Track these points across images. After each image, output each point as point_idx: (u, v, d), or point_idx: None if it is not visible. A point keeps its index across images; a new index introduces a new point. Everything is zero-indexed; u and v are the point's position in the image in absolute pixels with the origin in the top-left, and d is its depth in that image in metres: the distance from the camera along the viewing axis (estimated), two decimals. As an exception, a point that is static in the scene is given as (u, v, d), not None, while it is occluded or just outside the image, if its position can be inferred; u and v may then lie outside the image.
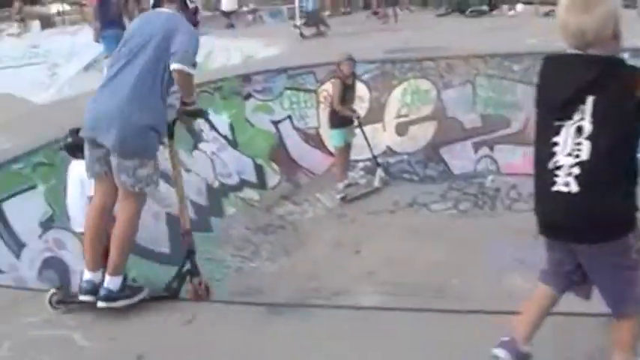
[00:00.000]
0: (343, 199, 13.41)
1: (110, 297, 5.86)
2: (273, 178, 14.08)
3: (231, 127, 14.24)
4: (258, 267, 11.25)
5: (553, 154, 4.02)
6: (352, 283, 10.24)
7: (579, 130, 3.92)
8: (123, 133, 5.69)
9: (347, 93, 13.24)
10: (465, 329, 5.46)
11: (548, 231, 4.29)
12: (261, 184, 13.85)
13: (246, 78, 15.06)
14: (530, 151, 12.62)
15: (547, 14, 23.31)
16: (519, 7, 25.15)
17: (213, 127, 13.98)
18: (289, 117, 14.92)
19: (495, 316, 5.60)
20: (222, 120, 14.21)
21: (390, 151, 14.52)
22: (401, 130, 14.65)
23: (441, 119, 14.47)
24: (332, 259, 11.32)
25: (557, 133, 4.00)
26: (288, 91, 15.07)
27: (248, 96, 14.77)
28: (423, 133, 14.51)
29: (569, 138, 3.96)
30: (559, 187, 4.00)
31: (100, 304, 5.88)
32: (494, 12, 25.14)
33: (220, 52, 23.30)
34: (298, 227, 12.68)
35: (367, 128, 14.25)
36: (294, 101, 15.00)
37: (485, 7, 25.19)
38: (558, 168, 3.99)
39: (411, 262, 10.90)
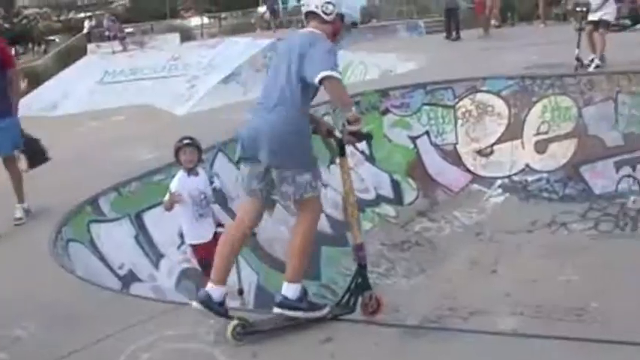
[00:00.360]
0: None
1: (285, 304, 5.92)
2: (410, 194, 14.09)
3: (369, 142, 14.29)
4: (393, 284, 11.27)
5: None
6: (489, 303, 10.15)
7: None
8: (272, 146, 5.81)
9: None
10: (606, 358, 5.34)
11: None
12: (397, 199, 13.88)
13: (384, 93, 15.12)
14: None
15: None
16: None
17: (350, 141, 14.07)
18: (427, 133, 14.88)
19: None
20: (360, 135, 14.28)
21: (528, 169, 14.31)
22: (540, 147, 14.40)
23: (582, 137, 14.17)
24: (468, 277, 11.25)
25: None
26: (427, 107, 15.02)
27: (386, 111, 14.83)
28: (562, 151, 14.23)
29: None
30: None
31: (276, 309, 5.96)
32: (638, 26, 24.44)
33: (357, 67, 23.48)
34: (435, 244, 12.66)
35: (506, 145, 14.11)
36: (432, 117, 14.96)
37: (628, 22, 24.54)
38: None
39: (549, 282, 10.73)
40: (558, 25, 19.46)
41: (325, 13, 6.06)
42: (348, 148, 12.14)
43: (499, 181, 14.29)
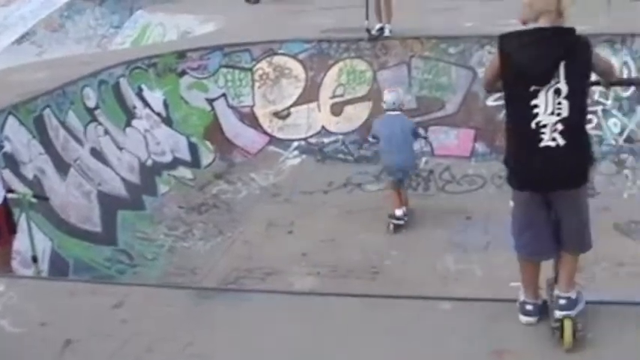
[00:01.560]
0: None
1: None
2: (207, 156, 14.00)
3: (166, 105, 14.13)
4: (191, 246, 11.21)
5: (535, 115, 4.57)
6: (285, 263, 10.28)
7: (557, 91, 4.56)
8: None
9: None
10: (399, 313, 5.48)
11: (534, 184, 4.80)
12: (195, 162, 13.77)
13: (181, 55, 14.89)
14: (462, 132, 12.87)
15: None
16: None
17: (146, 104, 13.86)
18: (224, 95, 14.75)
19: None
20: (156, 97, 14.10)
21: (324, 131, 14.48)
22: (336, 110, 14.61)
23: (376, 100, 14.44)
24: (265, 238, 11.34)
25: (535, 97, 4.57)
26: (224, 69, 14.89)
27: (183, 73, 14.62)
28: (357, 114, 14.50)
29: (549, 100, 4.57)
30: (547, 142, 4.60)
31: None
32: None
33: (156, 28, 23.04)
34: (232, 206, 12.64)
35: (302, 108, 14.25)
36: (230, 79, 14.84)
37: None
38: (543, 126, 4.58)
39: (344, 242, 10.96)
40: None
41: None
42: (145, 111, 11.91)
43: (296, 143, 14.40)
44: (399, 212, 11.49)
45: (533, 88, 4.58)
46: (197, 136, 14.08)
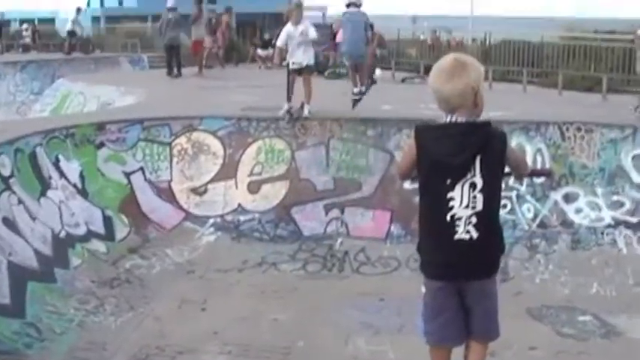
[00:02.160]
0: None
1: None
2: (122, 230, 13.81)
3: (82, 176, 13.96)
4: (101, 321, 10.98)
5: (450, 207, 4.65)
6: (197, 341, 10.14)
7: (472, 185, 4.66)
8: None
9: None
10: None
11: (447, 275, 4.84)
12: (109, 235, 13.57)
13: (101, 126, 14.80)
14: (378, 214, 13.09)
15: (404, 81, 24.00)
16: (378, 71, 25.67)
17: (63, 174, 13.70)
18: (142, 169, 14.66)
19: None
20: (72, 168, 13.93)
21: (241, 209, 14.47)
22: (253, 188, 14.65)
23: (294, 179, 14.59)
24: (178, 315, 11.18)
25: (451, 189, 4.65)
26: (142, 143, 14.82)
27: (101, 145, 14.50)
28: (275, 193, 14.57)
29: (464, 193, 4.66)
30: (461, 235, 4.67)
31: None
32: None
33: (76, 97, 22.95)
34: (145, 282, 12.47)
35: (220, 185, 14.28)
36: (148, 153, 14.77)
37: (343, 70, 25.60)
38: (458, 219, 4.65)
39: (258, 322, 10.90)
40: (277, 68, 20.05)
41: None
42: (61, 181, 11.76)
43: (212, 220, 14.34)
44: (355, 89, 15.37)
45: (449, 181, 4.67)
46: (112, 209, 13.93)
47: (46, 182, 13.16)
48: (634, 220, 13.59)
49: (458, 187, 4.65)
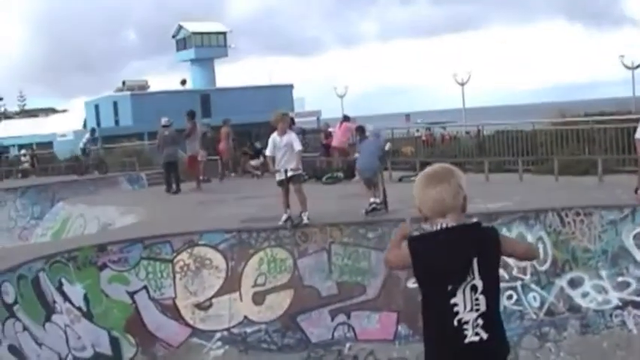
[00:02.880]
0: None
1: None
2: (129, 350, 13.77)
3: (86, 298, 13.98)
4: None
5: (456, 313, 4.65)
6: None
7: (474, 288, 4.66)
8: None
9: None
10: None
11: None
12: (116, 356, 13.54)
13: (102, 247, 14.86)
14: (384, 316, 13.04)
15: (401, 180, 24.12)
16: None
17: (66, 298, 13.71)
18: (145, 287, 14.65)
19: None
20: (76, 291, 13.95)
21: (247, 321, 14.42)
22: (258, 299, 14.63)
23: (298, 287, 14.60)
24: None
25: (453, 295, 4.65)
26: (145, 261, 14.84)
27: (103, 266, 14.53)
28: (279, 302, 14.56)
29: (466, 297, 4.66)
30: (471, 338, 4.66)
31: None
32: (354, 179, 25.69)
33: (76, 220, 23.06)
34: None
35: (224, 298, 14.27)
36: (151, 271, 14.77)
37: (340, 175, 25.78)
38: (465, 323, 4.65)
39: None
40: (273, 178, 20.29)
41: None
42: (65, 305, 11.76)
43: (218, 334, 14.28)
44: (371, 199, 16.02)
45: (450, 287, 4.66)
46: (118, 329, 13.89)
47: (51, 307, 13.16)
48: (641, 299, 13.59)
49: (460, 292, 4.66)
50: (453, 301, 4.66)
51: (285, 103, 64.37)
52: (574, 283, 13.90)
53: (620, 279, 13.81)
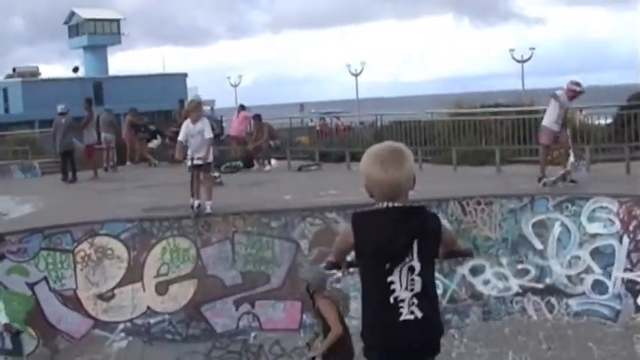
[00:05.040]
0: None
1: None
2: (30, 343, 13.54)
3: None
4: None
5: (392, 290, 4.70)
6: None
7: (411, 269, 4.70)
8: None
9: None
10: None
11: (394, 356, 4.83)
12: (17, 350, 13.29)
13: (0, 238, 14.54)
14: (289, 305, 13.12)
15: (300, 169, 24.23)
16: (273, 162, 25.92)
17: (-37, 291, 13.39)
18: (45, 278, 14.36)
19: None
20: (-27, 283, 13.64)
21: (150, 311, 14.30)
22: (161, 289, 14.50)
23: (202, 277, 14.54)
24: None
25: (390, 273, 4.69)
26: (44, 252, 14.53)
27: (1, 257, 14.20)
28: (183, 292, 14.47)
29: (402, 276, 4.69)
30: (406, 316, 4.71)
31: None
32: (253, 168, 25.70)
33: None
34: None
35: (127, 288, 14.13)
36: (51, 262, 14.47)
37: (239, 163, 25.71)
38: (401, 301, 4.70)
39: None
40: (172, 167, 20.22)
41: None
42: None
43: (122, 325, 14.14)
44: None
45: (388, 265, 4.69)
46: (18, 322, 13.62)
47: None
48: (540, 286, 14.00)
49: (396, 271, 4.69)
50: (389, 279, 4.70)
51: (179, 92, 63.58)
52: (476, 271, 14.20)
53: (519, 266, 14.19)
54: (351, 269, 5.19)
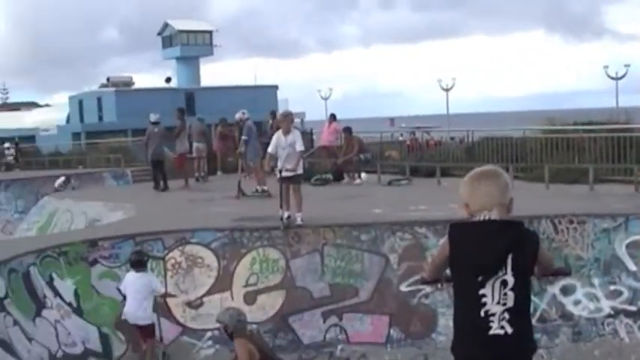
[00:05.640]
0: None
1: None
2: (119, 347, 13.70)
3: (76, 294, 13.88)
4: None
5: (483, 304, 4.69)
6: None
7: (504, 283, 4.68)
8: None
9: None
10: None
11: None
12: (106, 353, 13.47)
13: (93, 243, 14.77)
14: (376, 319, 13.01)
15: (390, 183, 24.08)
16: (363, 175, 25.81)
17: (57, 293, 13.60)
18: (136, 285, 14.55)
19: None
20: (67, 286, 13.86)
21: (238, 321, 14.33)
22: (249, 299, 14.55)
23: (290, 288, 14.53)
24: None
25: (482, 286, 4.68)
26: (136, 258, 14.73)
27: (94, 262, 14.44)
28: (271, 302, 14.49)
29: (495, 290, 4.68)
30: (495, 330, 4.68)
31: None
32: (343, 181, 25.63)
33: (63, 215, 22.88)
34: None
35: (216, 297, 14.19)
36: (142, 268, 14.68)
37: (329, 176, 25.68)
38: (492, 315, 4.68)
39: None
40: (267, 178, 20.36)
41: None
42: (55, 300, 11.62)
43: (209, 333, 14.19)
44: None
45: (480, 278, 4.69)
46: (108, 326, 13.79)
47: (41, 302, 13.07)
48: (633, 308, 13.63)
49: (489, 285, 4.69)
50: (481, 292, 4.70)
51: (270, 103, 64.08)
52: (566, 291, 13.90)
53: (612, 287, 13.84)
54: (439, 285, 5.19)
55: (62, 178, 31.95)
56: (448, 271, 5.01)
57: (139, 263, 13.09)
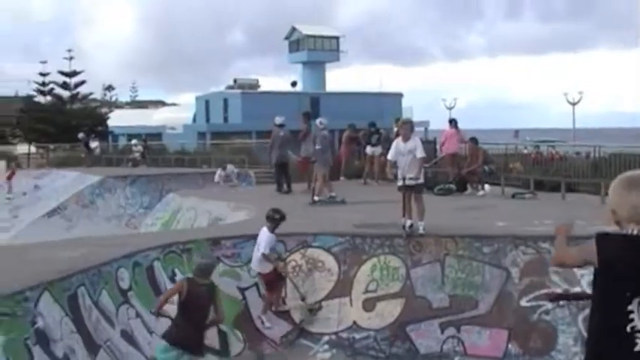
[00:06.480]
0: None
1: None
2: (236, 345, 13.84)
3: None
4: None
5: (630, 320, 4.50)
6: None
7: None
8: None
9: None
10: None
11: None
12: (223, 351, 13.61)
13: (216, 241, 14.99)
14: (494, 333, 12.73)
15: (514, 196, 23.69)
16: (487, 187, 25.45)
17: (179, 289, 13.79)
18: (256, 285, 14.71)
19: None
20: (189, 282, 14.04)
21: (356, 327, 14.31)
22: (368, 305, 14.50)
23: (409, 297, 14.41)
24: None
25: (629, 302, 4.50)
26: (257, 259, 14.88)
27: (216, 260, 14.60)
28: (390, 310, 14.39)
29: None
30: None
31: None
32: (466, 192, 25.34)
33: (187, 212, 23.30)
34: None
35: (334, 302, 14.20)
36: (262, 269, 14.81)
37: (453, 186, 25.41)
38: (638, 332, 4.50)
39: None
40: (389, 185, 20.22)
41: None
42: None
43: (326, 337, 14.23)
44: None
45: (628, 293, 4.53)
46: (227, 324, 13.91)
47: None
48: None
49: (636, 301, 4.51)
50: (629, 307, 4.52)
51: (394, 111, 64.11)
52: None
53: None
54: (562, 302, 5.06)
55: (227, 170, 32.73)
56: (573, 289, 4.89)
57: (270, 219, 14.50)
